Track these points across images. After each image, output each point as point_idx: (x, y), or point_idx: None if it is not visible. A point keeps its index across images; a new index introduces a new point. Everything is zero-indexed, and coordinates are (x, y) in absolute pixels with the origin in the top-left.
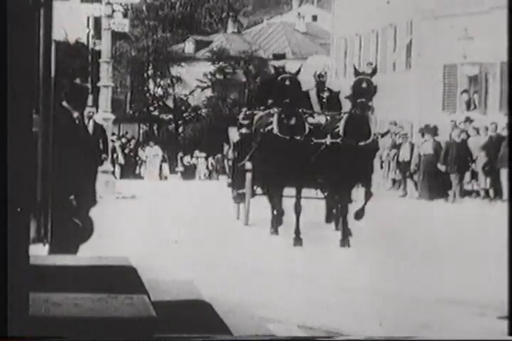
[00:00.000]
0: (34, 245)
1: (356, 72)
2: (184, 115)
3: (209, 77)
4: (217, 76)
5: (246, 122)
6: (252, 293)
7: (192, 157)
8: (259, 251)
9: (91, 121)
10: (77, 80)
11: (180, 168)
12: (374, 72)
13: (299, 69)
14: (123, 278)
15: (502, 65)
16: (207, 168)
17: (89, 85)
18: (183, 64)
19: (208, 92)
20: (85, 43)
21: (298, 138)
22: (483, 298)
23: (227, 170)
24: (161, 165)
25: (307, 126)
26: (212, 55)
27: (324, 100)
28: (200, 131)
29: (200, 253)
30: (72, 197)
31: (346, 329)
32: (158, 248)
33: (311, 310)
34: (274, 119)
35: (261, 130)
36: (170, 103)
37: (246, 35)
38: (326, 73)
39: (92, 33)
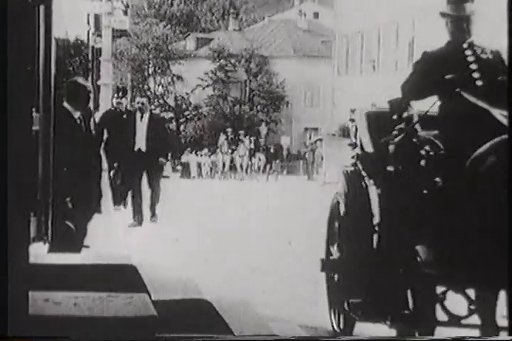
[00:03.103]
0: (34, 244)
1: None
2: (185, 113)
3: (210, 75)
4: (218, 74)
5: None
6: (254, 292)
7: (196, 155)
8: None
9: (145, 115)
10: (79, 79)
11: (180, 167)
12: None
13: None
14: (123, 277)
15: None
16: (208, 166)
17: (89, 84)
18: (183, 62)
19: (209, 90)
20: (85, 41)
21: None
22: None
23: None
24: None
25: None
26: (213, 52)
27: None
28: (201, 130)
29: (202, 252)
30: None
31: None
32: (160, 246)
33: (314, 310)
34: None
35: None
36: (171, 101)
37: (247, 32)
38: None
39: (92, 30)
